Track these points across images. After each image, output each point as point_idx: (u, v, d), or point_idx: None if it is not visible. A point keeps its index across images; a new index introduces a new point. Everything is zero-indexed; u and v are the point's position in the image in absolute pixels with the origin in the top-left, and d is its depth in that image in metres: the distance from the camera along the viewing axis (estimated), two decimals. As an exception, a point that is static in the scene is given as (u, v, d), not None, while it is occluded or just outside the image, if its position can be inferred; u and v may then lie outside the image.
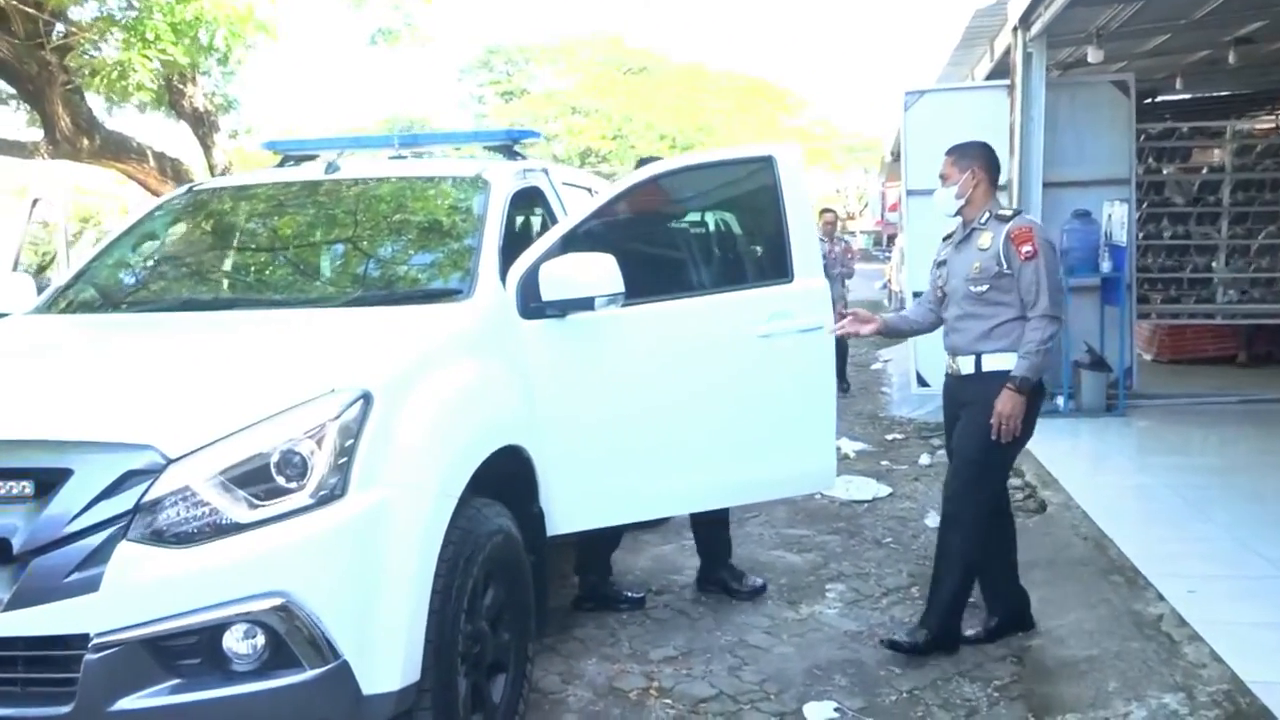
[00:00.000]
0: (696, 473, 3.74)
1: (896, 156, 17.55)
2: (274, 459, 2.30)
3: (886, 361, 12.01)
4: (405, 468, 2.50)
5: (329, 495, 2.33)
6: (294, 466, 2.31)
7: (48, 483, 2.21)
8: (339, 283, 3.60)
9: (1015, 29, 7.75)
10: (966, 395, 3.70)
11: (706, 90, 31.19)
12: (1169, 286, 9.15)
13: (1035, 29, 7.52)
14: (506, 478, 3.09)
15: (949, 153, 3.79)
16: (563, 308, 3.34)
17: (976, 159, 3.73)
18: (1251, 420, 7.35)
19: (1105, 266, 7.63)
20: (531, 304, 3.35)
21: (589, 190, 5.03)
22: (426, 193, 3.97)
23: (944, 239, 3.92)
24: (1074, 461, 6.35)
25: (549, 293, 3.31)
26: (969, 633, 3.80)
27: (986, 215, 3.68)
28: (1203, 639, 3.48)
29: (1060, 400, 7.66)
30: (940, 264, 3.86)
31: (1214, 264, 9.06)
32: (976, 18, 8.35)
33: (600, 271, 3.29)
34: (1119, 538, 4.61)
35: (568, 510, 3.45)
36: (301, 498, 2.30)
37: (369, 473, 2.40)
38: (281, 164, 4.47)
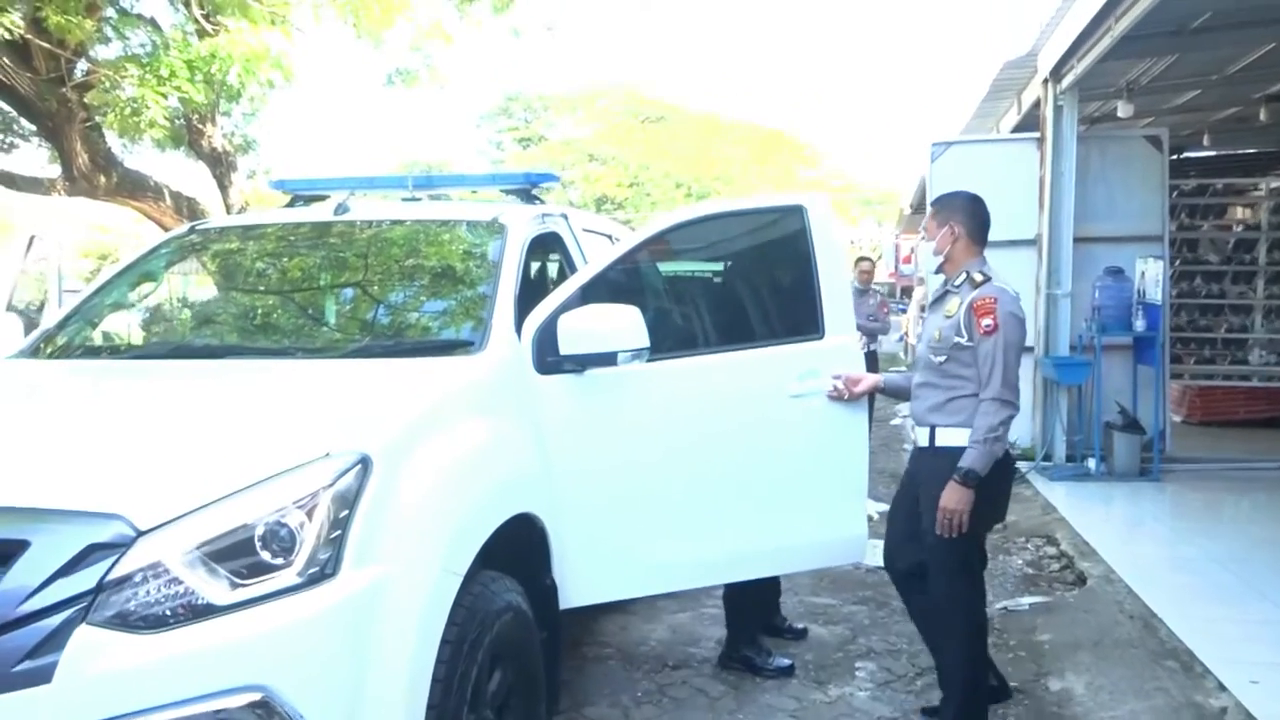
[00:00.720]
0: (721, 543, 3.46)
1: (915, 209, 17.51)
2: (259, 531, 2.05)
3: (905, 417, 11.73)
4: (406, 542, 2.25)
5: (319, 573, 2.07)
6: (281, 540, 2.06)
7: (2, 555, 1.96)
8: (342, 332, 3.36)
9: (1046, 81, 7.60)
10: (922, 471, 3.43)
11: (723, 140, 31.28)
12: (1202, 346, 8.88)
13: (1067, 81, 7.37)
14: (518, 547, 2.83)
15: (932, 204, 3.55)
16: (582, 362, 3.11)
17: (956, 213, 3.43)
18: (1293, 488, 7.04)
19: (1139, 325, 7.38)
20: (549, 358, 3.11)
21: (610, 237, 4.83)
22: (440, 237, 3.75)
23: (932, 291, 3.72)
24: (1110, 529, 6.07)
25: (568, 346, 3.08)
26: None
27: (962, 277, 3.36)
28: (1275, 739, 3.18)
29: (1092, 463, 7.38)
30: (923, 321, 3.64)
31: (1248, 324, 8.79)
32: (1005, 69, 8.20)
33: (624, 324, 3.06)
34: (1168, 616, 4.31)
35: (582, 582, 3.18)
36: (288, 576, 2.04)
37: (365, 548, 2.15)
38: (291, 204, 4.28)
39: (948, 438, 3.31)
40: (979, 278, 3.32)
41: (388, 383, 2.76)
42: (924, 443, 3.40)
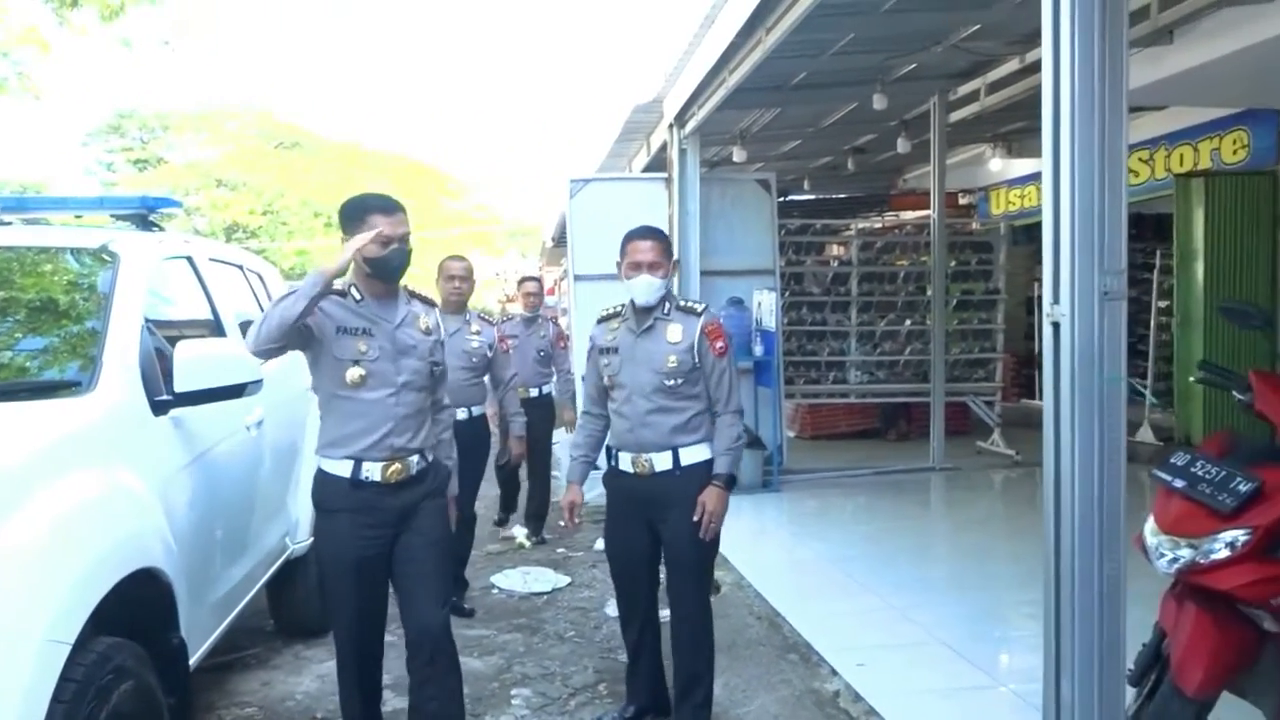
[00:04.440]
0: (246, 561, 3.81)
1: (557, 242, 18.07)
2: None
3: (554, 444, 12.01)
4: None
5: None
6: None
7: None
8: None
9: (671, 126, 8.17)
10: (670, 493, 3.45)
11: (364, 169, 30.54)
12: (809, 369, 9.92)
13: (689, 127, 7.97)
14: (137, 606, 2.56)
15: (658, 237, 3.53)
16: (203, 399, 3.03)
17: (668, 250, 3.54)
18: (886, 490, 8.05)
19: (758, 350, 8.12)
20: (163, 396, 2.95)
21: (240, 267, 4.56)
22: (36, 266, 3.34)
23: (601, 321, 3.65)
24: (739, 538, 6.52)
25: (186, 382, 2.93)
26: None
27: (669, 306, 3.49)
28: (878, 713, 3.60)
29: (722, 478, 7.96)
30: (607, 350, 3.55)
31: (845, 348, 9.95)
32: (635, 113, 8.72)
33: (241, 356, 3.07)
34: (790, 615, 4.75)
35: (196, 633, 3.06)
36: None
37: (-58, 625, 1.84)
38: None
39: (692, 455, 3.44)
40: (696, 306, 3.53)
41: (-31, 431, 2.40)
42: (665, 466, 3.44)
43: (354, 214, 3.05)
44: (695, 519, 3.39)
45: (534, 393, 7.20)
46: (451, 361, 3.81)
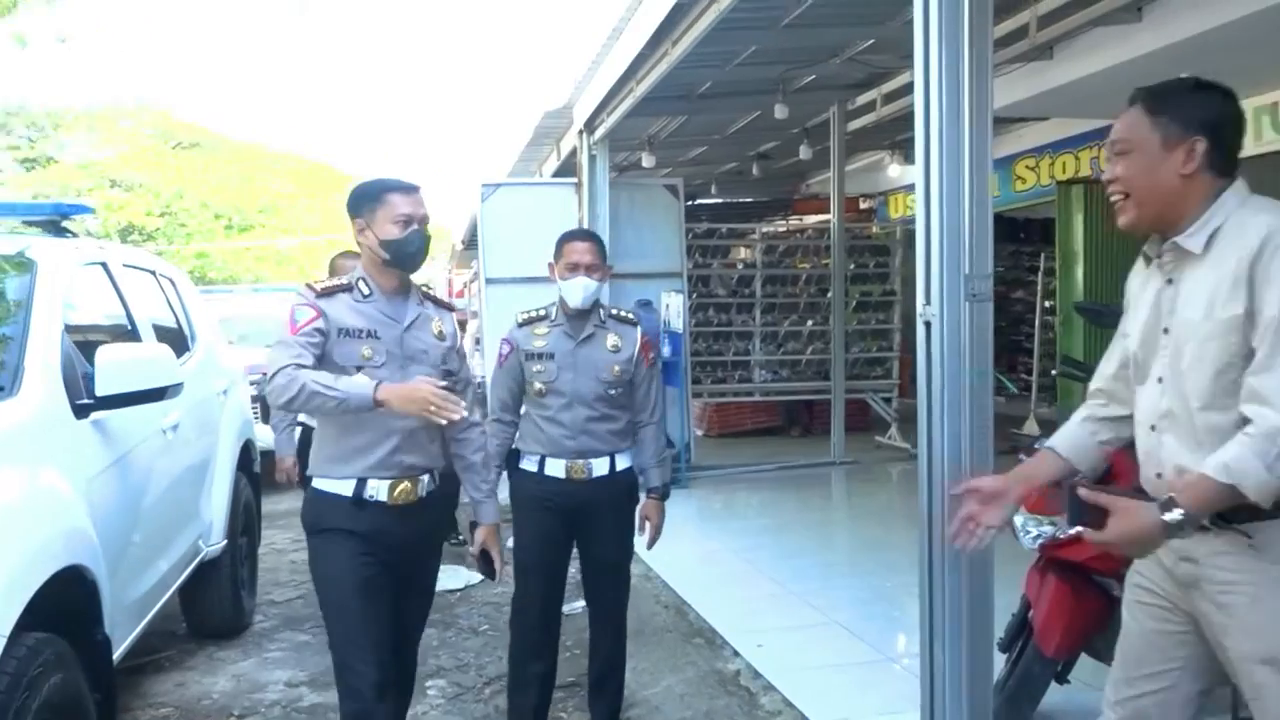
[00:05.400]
0: (164, 561, 3.89)
1: (467, 245, 18.08)
2: None
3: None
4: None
5: None
6: None
7: None
8: None
9: (581, 132, 8.34)
10: (601, 497, 3.45)
11: (267, 170, 29.96)
12: (716, 368, 10.21)
13: (599, 133, 8.16)
14: (63, 603, 2.64)
15: (595, 240, 3.52)
16: (124, 402, 3.12)
17: (604, 254, 3.48)
18: (789, 484, 8.37)
19: (666, 351, 8.33)
20: (85, 399, 3.04)
21: (153, 273, 4.60)
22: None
23: (523, 325, 3.50)
24: (649, 533, 6.78)
25: (108, 385, 3.01)
26: None
27: (603, 313, 3.48)
28: (775, 688, 3.85)
29: (632, 476, 8.18)
30: (539, 356, 3.42)
31: (750, 347, 10.27)
32: (546, 119, 8.88)
33: (163, 360, 3.24)
34: (696, 602, 4.98)
35: (118, 630, 3.15)
36: None
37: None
38: None
39: (624, 461, 3.50)
40: (629, 316, 3.57)
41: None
42: (603, 471, 3.44)
43: (368, 195, 2.80)
44: (641, 534, 3.61)
45: None
46: None
